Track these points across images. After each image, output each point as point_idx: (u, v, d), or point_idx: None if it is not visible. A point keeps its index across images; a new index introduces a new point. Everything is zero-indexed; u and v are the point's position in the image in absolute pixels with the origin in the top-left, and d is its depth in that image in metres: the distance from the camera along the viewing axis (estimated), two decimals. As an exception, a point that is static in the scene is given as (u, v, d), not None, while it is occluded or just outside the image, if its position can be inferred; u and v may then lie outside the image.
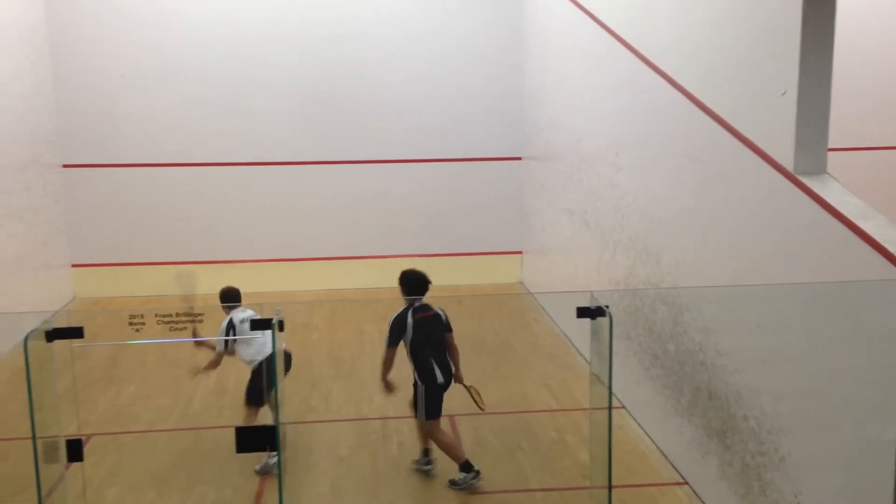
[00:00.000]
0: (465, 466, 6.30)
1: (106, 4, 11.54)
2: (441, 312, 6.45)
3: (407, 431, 7.34)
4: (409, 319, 6.30)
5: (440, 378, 6.34)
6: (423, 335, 6.29)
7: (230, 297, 6.95)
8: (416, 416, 6.49)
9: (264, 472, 6.42)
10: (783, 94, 4.95)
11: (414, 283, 6.45)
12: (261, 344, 6.61)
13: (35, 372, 4.44)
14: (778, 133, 5.03)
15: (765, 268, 5.20)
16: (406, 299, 6.43)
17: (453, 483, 6.32)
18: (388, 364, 6.37)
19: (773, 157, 5.08)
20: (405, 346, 6.37)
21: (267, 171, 12.11)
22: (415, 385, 6.41)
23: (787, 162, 4.95)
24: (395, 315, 6.36)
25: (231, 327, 6.72)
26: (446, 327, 6.46)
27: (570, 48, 9.76)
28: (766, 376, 5.14)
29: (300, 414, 7.70)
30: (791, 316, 4.87)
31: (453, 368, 6.51)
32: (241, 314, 6.81)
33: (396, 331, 6.30)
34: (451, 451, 6.36)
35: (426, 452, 6.60)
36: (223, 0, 11.71)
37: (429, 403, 6.34)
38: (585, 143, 9.04)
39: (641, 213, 7.33)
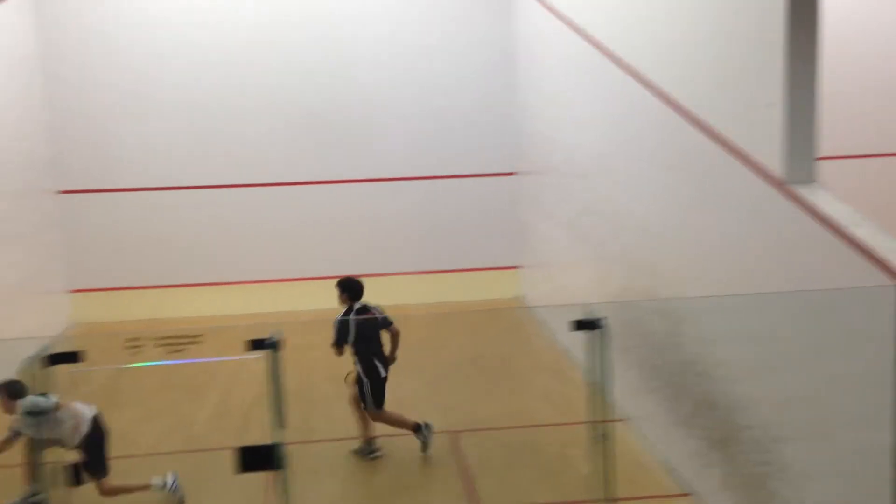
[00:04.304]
0: (416, 427, 7.16)
1: (96, 31, 11.59)
2: (377, 311, 7.13)
3: (410, 449, 7.33)
4: (352, 322, 7.00)
5: (383, 372, 7.12)
6: (365, 335, 7.01)
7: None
8: (364, 408, 7.13)
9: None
10: (768, 105, 4.99)
11: (354, 288, 7.18)
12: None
13: (35, 398, 4.45)
14: (767, 143, 5.07)
15: (758, 277, 5.23)
16: (346, 304, 7.14)
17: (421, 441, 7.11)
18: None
19: (764, 167, 5.12)
20: (349, 346, 7.01)
21: (262, 193, 12.14)
22: (359, 381, 7.08)
23: (777, 171, 4.98)
24: (339, 318, 7.04)
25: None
26: (384, 323, 7.12)
27: (559, 63, 9.83)
28: (764, 385, 5.15)
29: (304, 433, 7.69)
30: (786, 324, 4.89)
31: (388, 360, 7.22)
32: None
33: (342, 333, 7.00)
34: (401, 423, 7.18)
35: (371, 441, 7.19)
36: (214, 24, 11.78)
37: (375, 394, 7.08)
38: (578, 156, 9.08)
39: (635, 225, 7.36)
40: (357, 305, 7.12)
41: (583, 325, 4.57)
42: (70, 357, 4.69)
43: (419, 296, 12.39)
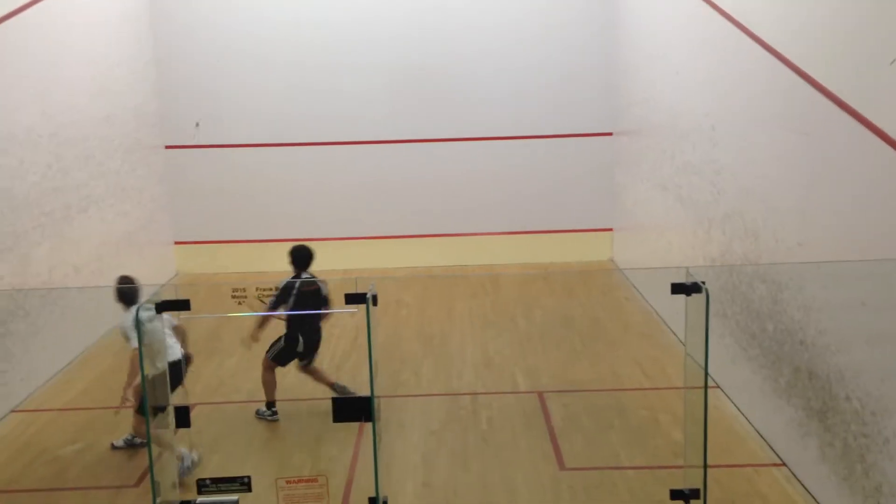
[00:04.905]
0: (270, 405, 7.22)
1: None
2: (323, 286, 7.11)
3: (496, 407, 7.40)
4: (296, 290, 7.00)
5: (300, 347, 7.17)
6: (301, 307, 6.97)
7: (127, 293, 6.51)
8: (267, 353, 7.20)
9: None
10: (892, 62, 4.72)
11: (300, 257, 7.16)
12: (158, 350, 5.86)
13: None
14: (886, 103, 4.81)
15: (871, 244, 5.00)
16: (294, 271, 7.16)
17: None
18: (264, 323, 7.03)
19: (882, 129, 4.86)
20: (283, 309, 7.02)
21: (360, 151, 12.30)
22: (279, 339, 7.17)
23: (897, 133, 4.73)
24: (286, 281, 7.02)
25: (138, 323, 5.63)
26: (324, 300, 7.12)
27: (663, 19, 9.53)
28: (870, 356, 4.96)
29: (391, 388, 7.86)
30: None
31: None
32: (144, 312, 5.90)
33: (283, 296, 6.98)
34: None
35: (272, 404, 7.25)
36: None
37: (281, 354, 7.19)
38: (680, 117, 8.83)
39: (739, 189, 7.13)
40: (305, 275, 7.12)
41: (682, 288, 4.46)
42: (179, 305, 4.89)
43: (511, 256, 12.40)
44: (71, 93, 9.34)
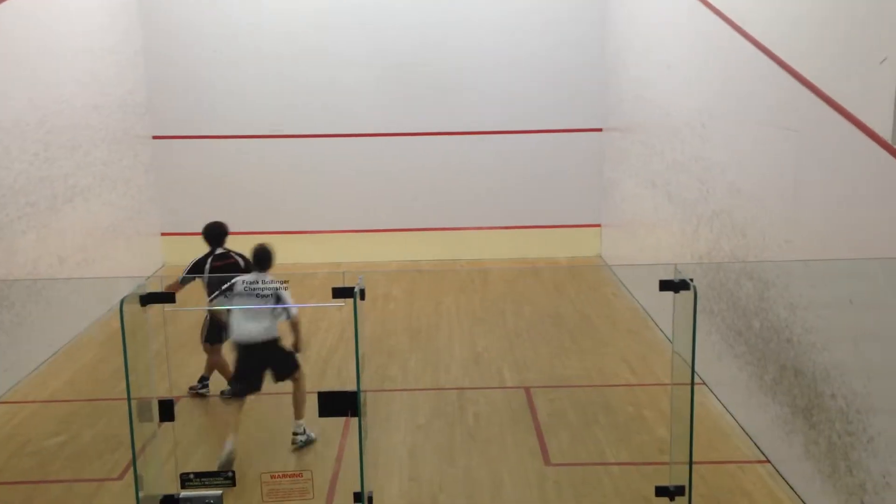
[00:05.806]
0: (203, 379, 7.45)
1: (193, -21, 11.82)
2: (241, 259, 7.11)
3: (483, 403, 7.39)
4: (207, 264, 7.04)
5: (225, 316, 7.00)
6: (218, 279, 6.86)
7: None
8: (202, 342, 7.33)
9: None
10: (882, 61, 4.73)
11: (212, 234, 7.22)
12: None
13: (130, 335, 4.62)
14: (876, 102, 4.82)
15: (859, 242, 5.01)
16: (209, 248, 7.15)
17: (222, 393, 7.27)
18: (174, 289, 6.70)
19: (871, 128, 4.87)
20: (203, 287, 6.94)
21: (349, 143, 12.25)
22: (205, 321, 7.24)
23: (886, 132, 4.73)
24: (195, 259, 7.08)
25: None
26: (246, 271, 6.98)
27: (654, 16, 9.52)
28: (856, 354, 4.97)
29: (379, 382, 7.84)
30: (885, 292, 4.69)
31: None
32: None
33: (190, 271, 7.01)
34: (223, 370, 7.28)
35: (203, 379, 7.49)
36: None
37: (212, 331, 7.17)
38: (670, 113, 8.83)
39: (728, 186, 7.14)
40: (219, 251, 7.18)
41: (670, 285, 4.46)
42: (164, 297, 4.85)
43: (500, 251, 12.40)
44: (59, 81, 9.25)
